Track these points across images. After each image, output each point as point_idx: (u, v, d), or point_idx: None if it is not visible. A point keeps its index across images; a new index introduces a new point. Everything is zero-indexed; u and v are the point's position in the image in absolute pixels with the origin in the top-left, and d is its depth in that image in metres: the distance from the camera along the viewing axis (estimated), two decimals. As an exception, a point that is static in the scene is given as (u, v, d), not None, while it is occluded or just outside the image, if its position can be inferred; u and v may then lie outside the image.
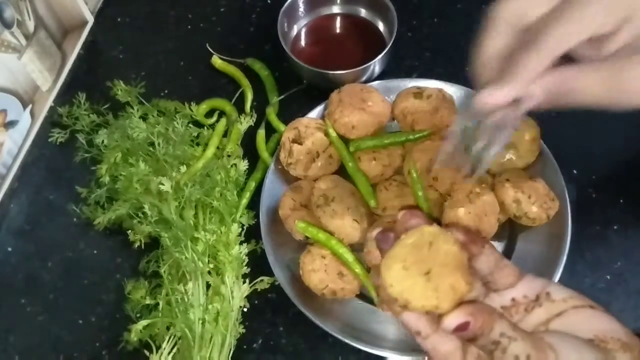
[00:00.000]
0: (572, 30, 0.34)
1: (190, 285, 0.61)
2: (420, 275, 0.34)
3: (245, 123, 0.74)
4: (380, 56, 0.72)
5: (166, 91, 0.79)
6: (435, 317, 0.35)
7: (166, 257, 0.63)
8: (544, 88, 0.36)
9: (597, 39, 0.36)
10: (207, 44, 0.81)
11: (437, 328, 0.35)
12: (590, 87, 0.36)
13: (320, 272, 0.61)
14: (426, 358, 0.37)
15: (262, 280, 0.64)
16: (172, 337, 0.60)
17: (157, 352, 0.59)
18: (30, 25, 0.73)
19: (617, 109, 0.36)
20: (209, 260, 0.63)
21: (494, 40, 0.37)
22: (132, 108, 0.73)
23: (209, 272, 0.63)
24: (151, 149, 0.69)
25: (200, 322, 0.59)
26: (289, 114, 0.73)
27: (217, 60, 0.80)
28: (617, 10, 0.35)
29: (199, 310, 0.60)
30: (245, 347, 0.63)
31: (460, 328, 0.32)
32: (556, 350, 0.33)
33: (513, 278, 0.38)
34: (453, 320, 0.33)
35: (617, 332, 0.35)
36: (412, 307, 0.34)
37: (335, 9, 0.81)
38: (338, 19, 0.81)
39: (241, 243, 0.65)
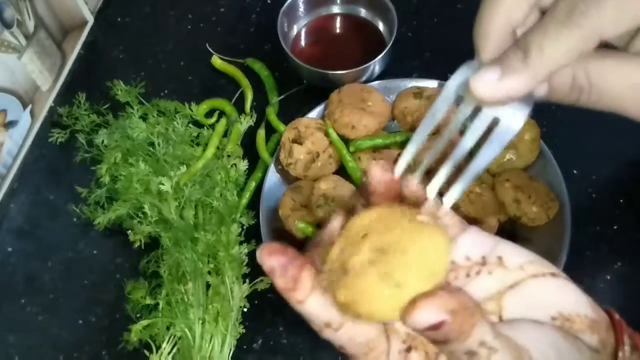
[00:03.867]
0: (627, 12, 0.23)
1: (190, 285, 0.61)
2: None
3: (245, 123, 0.74)
4: (380, 56, 0.72)
5: (166, 91, 0.79)
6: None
7: (166, 257, 0.63)
8: (556, 80, 0.26)
9: None
10: (207, 44, 0.81)
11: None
12: (612, 87, 0.25)
13: (320, 272, 0.61)
14: None
15: (262, 280, 0.64)
16: (172, 337, 0.60)
17: (157, 352, 0.59)
18: (30, 25, 0.73)
19: None
20: (209, 260, 0.63)
21: (508, 5, 0.26)
22: (132, 108, 0.73)
23: (209, 272, 0.62)
24: (151, 149, 0.69)
25: (200, 322, 0.59)
26: (289, 114, 0.73)
27: (217, 60, 0.80)
28: None
29: (199, 310, 0.60)
30: (245, 347, 0.63)
31: (433, 327, 0.23)
32: (532, 356, 0.26)
33: (453, 230, 0.29)
34: (427, 315, 0.23)
35: (583, 307, 0.28)
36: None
37: (335, 9, 0.80)
38: (338, 19, 0.81)
39: (241, 243, 0.65)
